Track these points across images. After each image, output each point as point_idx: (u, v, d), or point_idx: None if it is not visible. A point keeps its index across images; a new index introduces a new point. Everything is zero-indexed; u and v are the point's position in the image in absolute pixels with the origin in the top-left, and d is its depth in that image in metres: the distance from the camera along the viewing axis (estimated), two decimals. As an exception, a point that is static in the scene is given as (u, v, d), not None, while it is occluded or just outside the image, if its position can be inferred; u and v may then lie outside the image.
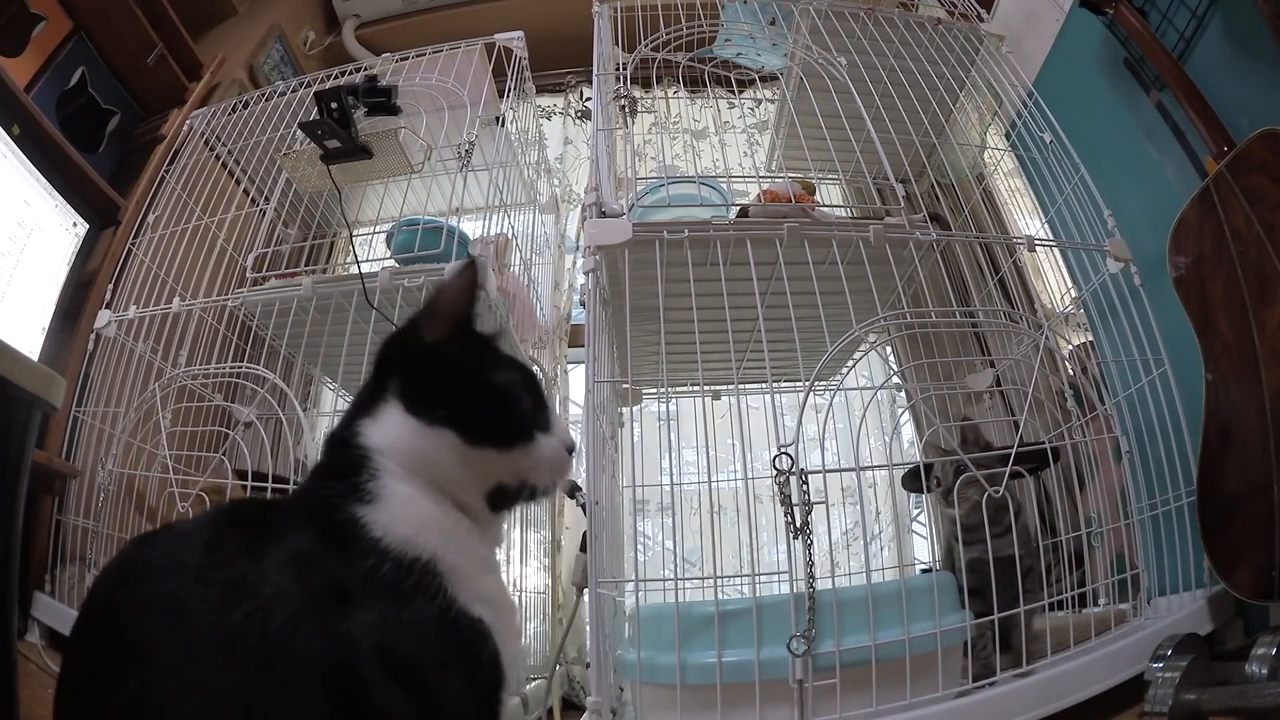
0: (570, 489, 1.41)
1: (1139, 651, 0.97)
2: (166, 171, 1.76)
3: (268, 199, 1.66)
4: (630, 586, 1.16)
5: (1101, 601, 1.19)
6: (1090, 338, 1.45)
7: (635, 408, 1.55)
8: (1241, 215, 1.05)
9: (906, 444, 1.72)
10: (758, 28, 1.66)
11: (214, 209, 1.72)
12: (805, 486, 0.96)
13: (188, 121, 1.86)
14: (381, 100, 1.55)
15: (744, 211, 1.33)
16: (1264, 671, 0.85)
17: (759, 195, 1.40)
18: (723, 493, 1.52)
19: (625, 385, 1.33)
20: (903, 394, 1.58)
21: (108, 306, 1.59)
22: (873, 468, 1.30)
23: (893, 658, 0.92)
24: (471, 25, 2.26)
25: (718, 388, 1.59)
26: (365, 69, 1.74)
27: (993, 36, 1.66)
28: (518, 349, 1.65)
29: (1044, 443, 1.12)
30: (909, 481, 1.26)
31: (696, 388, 1.32)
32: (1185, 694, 0.86)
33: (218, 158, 1.87)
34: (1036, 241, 1.39)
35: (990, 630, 1.04)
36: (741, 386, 1.19)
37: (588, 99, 2.60)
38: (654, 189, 1.44)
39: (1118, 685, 0.96)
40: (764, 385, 1.13)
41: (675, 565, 1.05)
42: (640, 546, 1.69)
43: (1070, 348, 1.46)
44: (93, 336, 1.56)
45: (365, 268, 1.43)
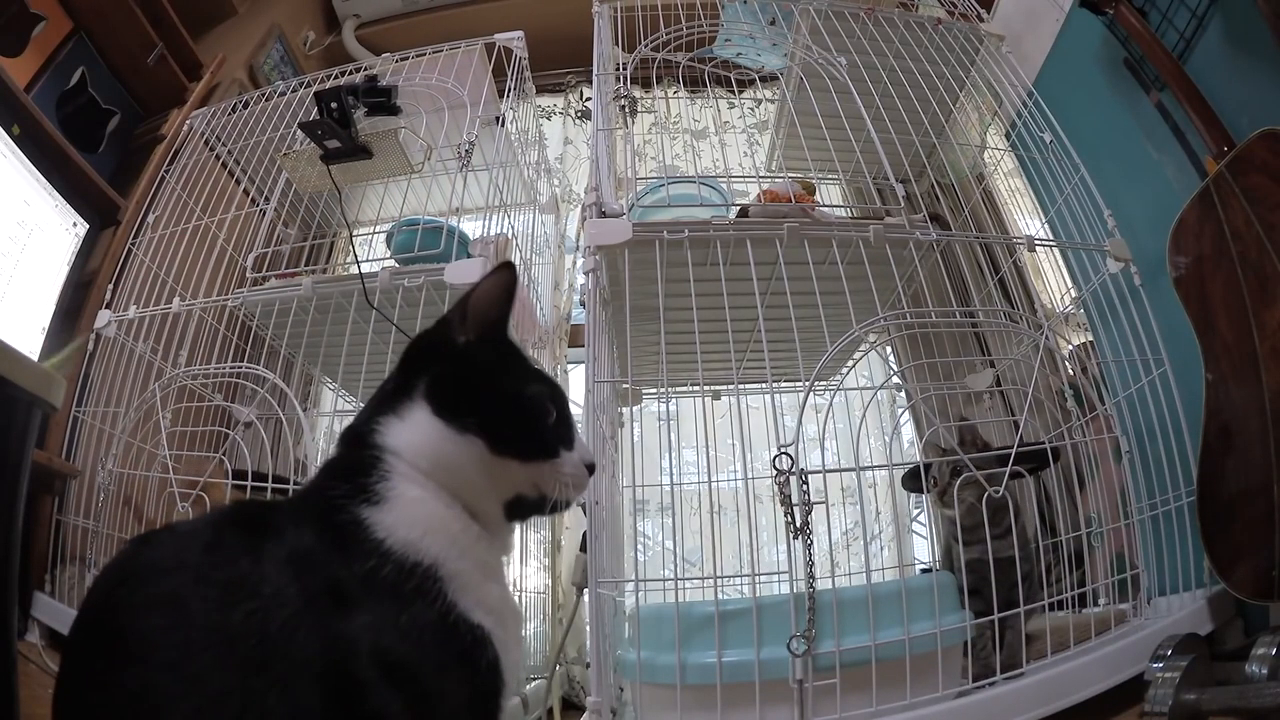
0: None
1: (1139, 651, 0.97)
2: (166, 171, 1.76)
3: (268, 199, 1.66)
4: (630, 586, 1.16)
5: (1101, 601, 1.19)
6: (1090, 338, 1.45)
7: (635, 408, 1.55)
8: (1241, 215, 1.05)
9: (906, 444, 1.72)
10: (758, 28, 1.66)
11: (214, 209, 1.72)
12: (805, 486, 0.96)
13: (188, 121, 1.86)
14: (381, 100, 1.55)
15: (744, 211, 1.33)
16: (1264, 671, 0.85)
17: (759, 195, 1.40)
18: (723, 493, 1.53)
19: (625, 385, 1.33)
20: (903, 394, 1.58)
21: (108, 306, 1.59)
22: (873, 468, 1.30)
23: (893, 658, 0.92)
24: (471, 25, 2.26)
25: (718, 388, 1.59)
26: (365, 69, 1.74)
27: (993, 36, 1.66)
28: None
29: (1044, 443, 1.12)
30: (909, 481, 1.26)
31: (696, 388, 1.32)
32: (1185, 694, 0.86)
33: (218, 158, 1.87)
34: (1036, 241, 1.39)
35: (990, 630, 1.04)
36: (741, 386, 1.19)
37: (588, 99, 2.60)
38: (654, 189, 1.44)
39: (1118, 685, 0.96)
40: (764, 385, 1.13)
41: (675, 565, 1.05)
42: (640, 546, 1.68)
43: (1070, 348, 1.46)
44: (93, 336, 1.56)
45: (365, 268, 1.43)
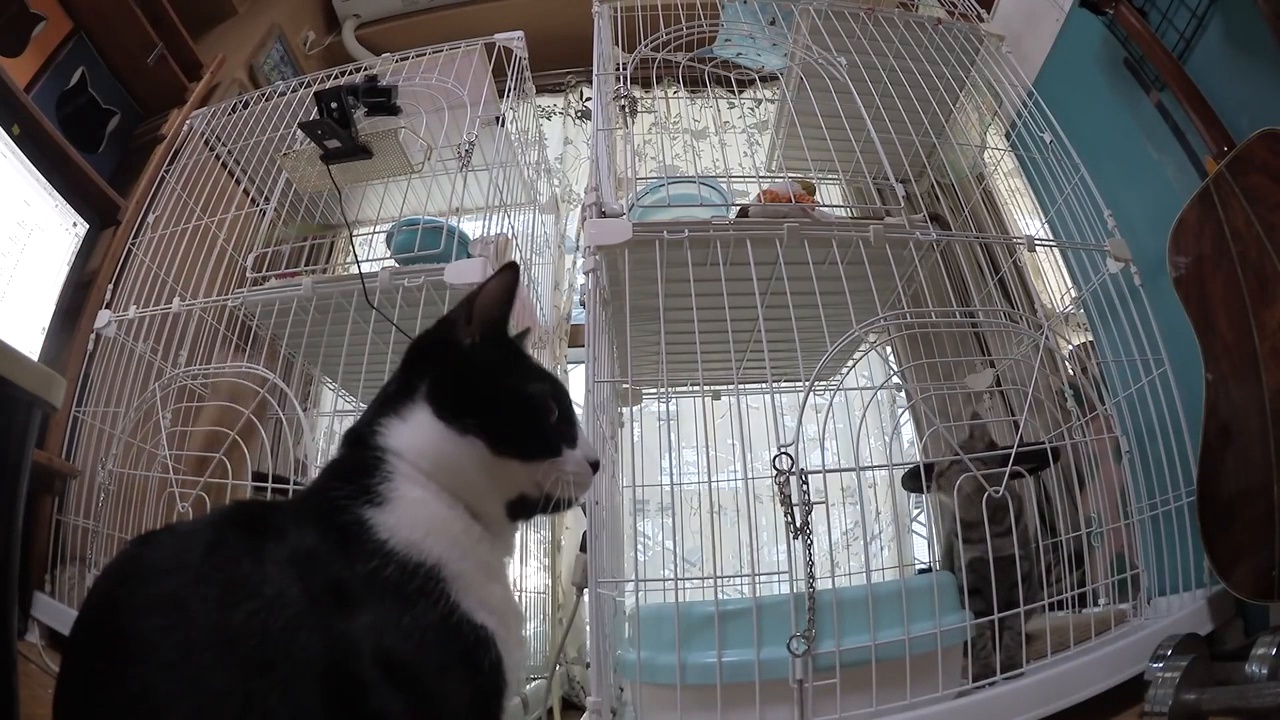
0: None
1: (1139, 651, 0.97)
2: (166, 171, 1.76)
3: (268, 199, 1.66)
4: (630, 586, 1.16)
5: (1101, 601, 1.19)
6: (1090, 338, 1.45)
7: (635, 408, 1.55)
8: (1241, 215, 1.05)
9: (906, 444, 1.72)
10: (758, 28, 1.66)
11: (214, 209, 1.72)
12: (805, 486, 0.96)
13: (188, 121, 1.86)
14: (381, 100, 1.55)
15: (744, 211, 1.33)
16: (1264, 671, 0.85)
17: (759, 195, 1.40)
18: (723, 493, 1.53)
19: (625, 385, 1.33)
20: (903, 394, 1.58)
21: (108, 306, 1.59)
22: (873, 468, 1.30)
23: (893, 658, 0.92)
24: (471, 25, 2.26)
25: (718, 388, 1.59)
26: (365, 69, 1.74)
27: (993, 36, 1.66)
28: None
29: (1044, 443, 1.12)
30: (909, 481, 1.26)
31: (696, 388, 1.32)
32: (1185, 694, 0.86)
33: (218, 158, 1.87)
34: (1036, 241, 1.39)
35: (989, 630, 1.04)
36: (741, 386, 1.19)
37: (588, 99, 2.60)
38: (654, 189, 1.44)
39: (1118, 685, 0.96)
40: (764, 385, 1.13)
41: (675, 565, 1.05)
42: (640, 546, 1.68)
43: (1070, 348, 1.46)
44: (93, 336, 1.56)
45: (365, 268, 1.43)
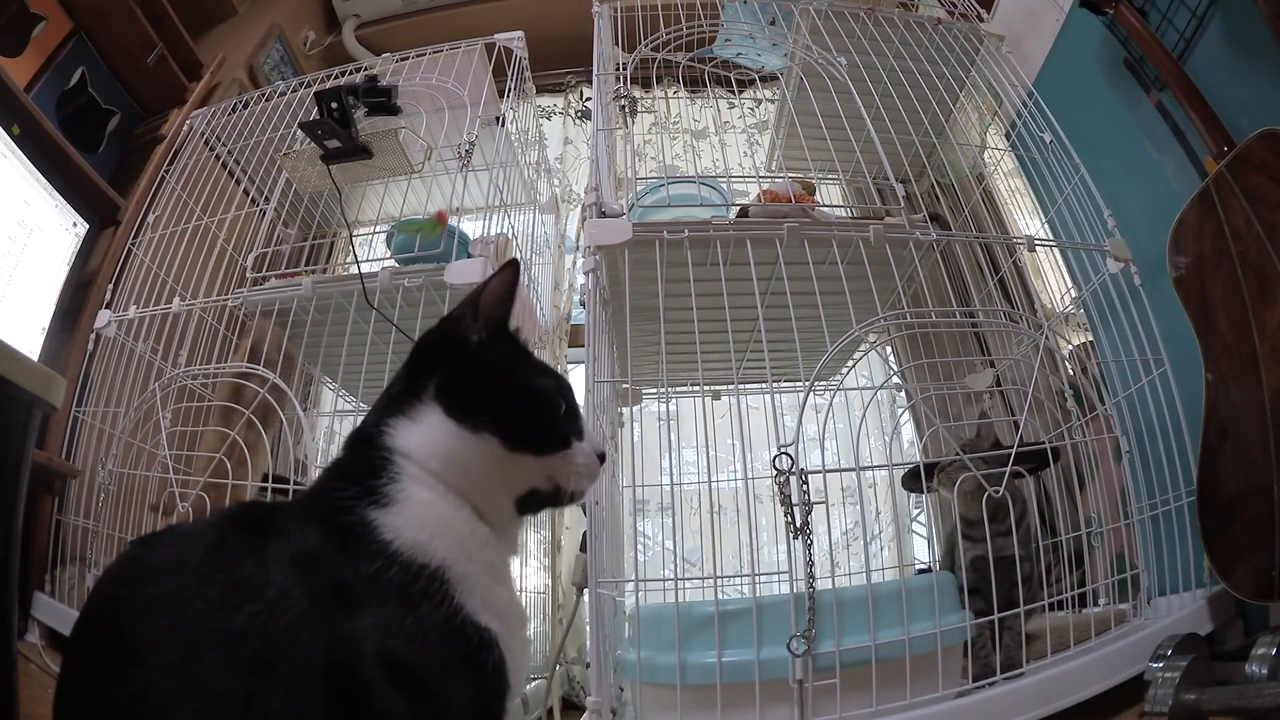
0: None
1: (1139, 651, 0.97)
2: (166, 171, 1.76)
3: (268, 199, 1.66)
4: (630, 586, 1.16)
5: (1101, 601, 1.19)
6: (1090, 338, 1.45)
7: (635, 408, 1.55)
8: (1241, 215, 1.05)
9: (906, 444, 1.72)
10: (758, 28, 1.66)
11: (214, 209, 1.72)
12: (805, 486, 0.96)
13: (188, 121, 1.86)
14: (381, 100, 1.55)
15: (744, 211, 1.33)
16: (1264, 671, 0.85)
17: (759, 195, 1.40)
18: (723, 493, 1.52)
19: (625, 385, 1.33)
20: (903, 394, 1.58)
21: (108, 306, 1.59)
22: (873, 468, 1.30)
23: (893, 658, 0.92)
24: (471, 25, 2.26)
25: (718, 388, 1.59)
26: (365, 69, 1.74)
27: (993, 36, 1.66)
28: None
29: (1044, 443, 1.12)
30: (909, 481, 1.26)
31: (696, 388, 1.32)
32: (1185, 694, 0.86)
33: (218, 158, 1.87)
34: (1036, 241, 1.39)
35: (989, 630, 1.04)
36: (741, 386, 1.19)
37: (588, 99, 2.60)
38: (654, 189, 1.44)
39: (1118, 685, 0.96)
40: (764, 385, 1.13)
41: (675, 565, 1.05)
42: (640, 546, 1.68)
43: (1070, 348, 1.46)
44: (93, 336, 1.56)
45: (365, 268, 1.43)
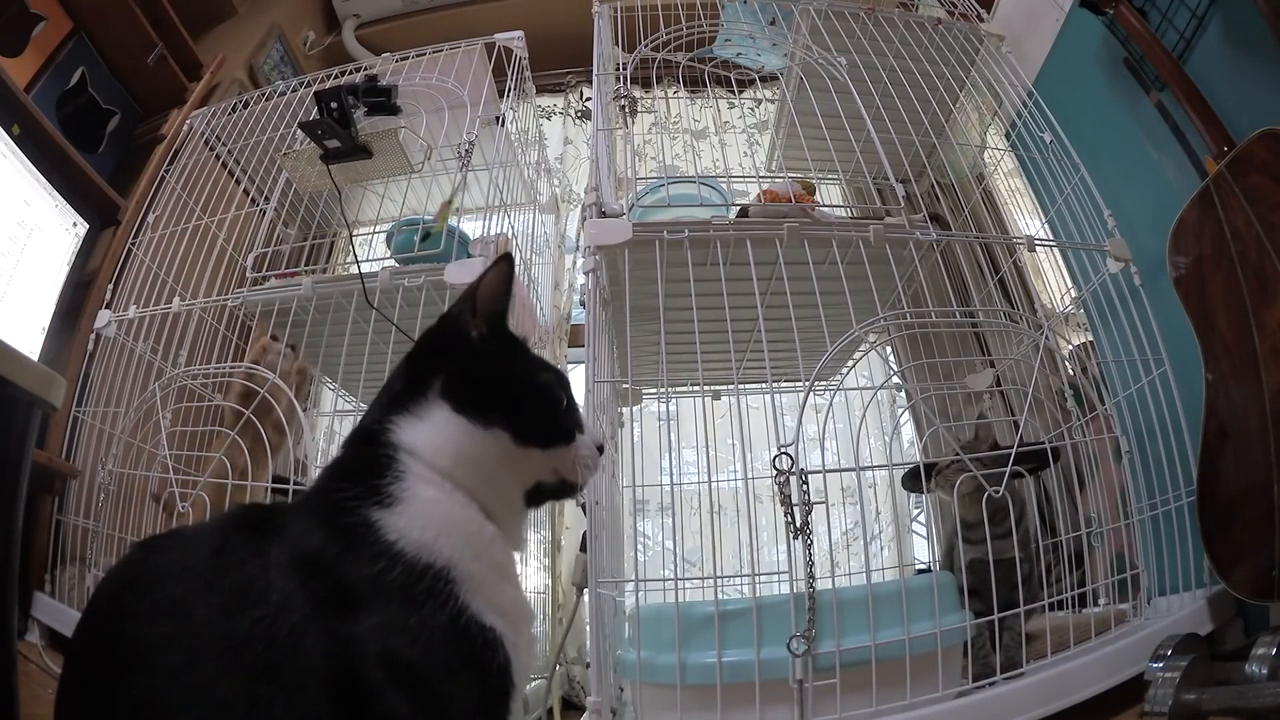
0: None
1: (1139, 651, 0.97)
2: (166, 171, 1.76)
3: (268, 199, 1.66)
4: (630, 586, 1.16)
5: (1101, 601, 1.19)
6: (1090, 338, 1.45)
7: (635, 408, 1.55)
8: (1241, 215, 1.05)
9: (906, 444, 1.72)
10: (758, 28, 1.66)
11: (214, 209, 1.72)
12: (805, 486, 0.95)
13: (188, 121, 1.86)
14: (381, 100, 1.55)
15: (744, 211, 1.33)
16: (1264, 671, 0.85)
17: (759, 195, 1.40)
18: (723, 493, 1.52)
19: (625, 385, 1.33)
20: (903, 394, 1.58)
21: (108, 306, 1.59)
22: (873, 468, 1.30)
23: (893, 658, 0.92)
24: (471, 25, 2.26)
25: (718, 388, 1.59)
26: (365, 69, 1.74)
27: (993, 36, 1.66)
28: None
29: (1044, 443, 1.12)
30: (909, 481, 1.26)
31: (696, 388, 1.32)
32: (1185, 694, 0.86)
33: (218, 158, 1.87)
34: (1036, 241, 1.39)
35: (988, 630, 1.04)
36: (741, 386, 1.19)
37: (588, 99, 2.60)
38: (654, 189, 1.44)
39: (1118, 685, 0.96)
40: (764, 385, 1.13)
41: (675, 565, 1.05)
42: (640, 546, 1.68)
43: (1070, 348, 1.46)
44: (93, 336, 1.56)
45: (365, 268, 1.43)
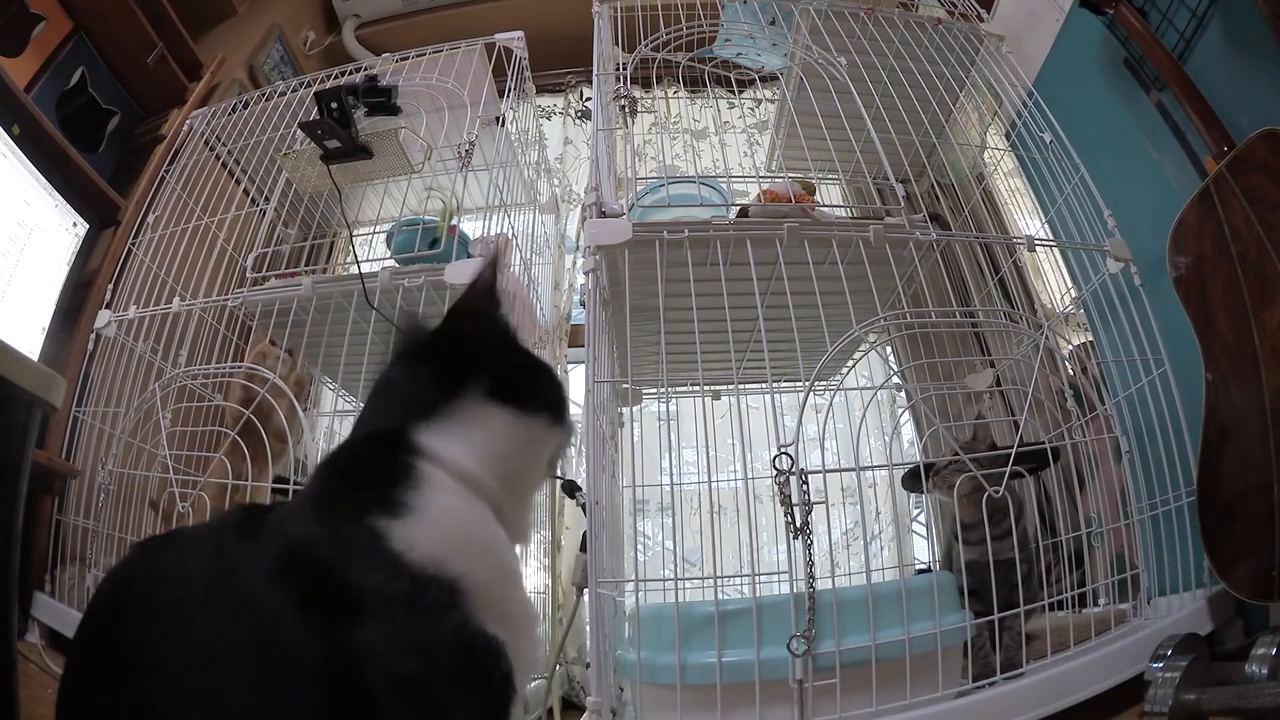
0: (570, 488, 1.41)
1: (1139, 651, 0.97)
2: (166, 171, 1.76)
3: (268, 199, 1.66)
4: (630, 586, 1.16)
5: (1101, 601, 1.19)
6: (1090, 338, 1.45)
7: (635, 408, 1.55)
8: (1241, 215, 1.05)
9: (906, 444, 1.72)
10: (758, 28, 1.66)
11: (214, 209, 1.72)
12: (805, 486, 0.95)
13: (188, 121, 1.86)
14: (381, 100, 1.55)
15: (744, 211, 1.33)
16: (1264, 671, 0.85)
17: (759, 195, 1.40)
18: (723, 493, 1.53)
19: (625, 385, 1.33)
20: (903, 394, 1.58)
21: (108, 306, 1.59)
22: (873, 468, 1.30)
23: (893, 658, 0.92)
24: (471, 25, 2.26)
25: (718, 388, 1.59)
26: (365, 69, 1.74)
27: (993, 36, 1.66)
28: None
29: (1044, 443, 1.12)
30: (909, 481, 1.26)
31: (696, 388, 1.32)
32: (1185, 694, 0.87)
33: (218, 158, 1.87)
34: (1036, 241, 1.39)
35: (988, 631, 1.04)
36: (741, 386, 1.19)
37: (588, 99, 2.60)
38: (654, 189, 1.44)
39: (1118, 685, 0.96)
40: (764, 385, 1.13)
41: (675, 565, 1.05)
42: (640, 546, 1.69)
43: (1070, 348, 1.46)
44: (93, 336, 1.56)
45: (365, 268, 1.43)
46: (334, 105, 1.46)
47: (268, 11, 2.41)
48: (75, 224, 1.66)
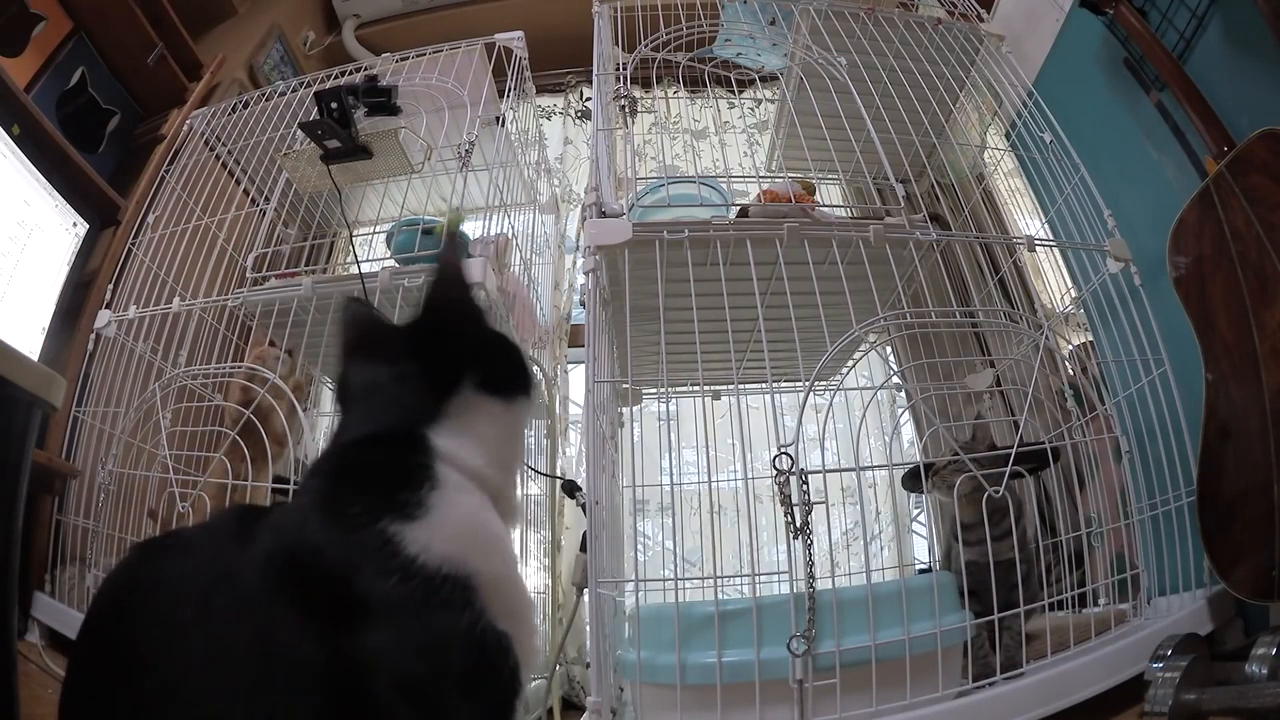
0: (570, 488, 1.41)
1: (1139, 651, 0.97)
2: (166, 171, 1.76)
3: (268, 199, 1.66)
4: (630, 586, 1.16)
5: (1101, 601, 1.19)
6: (1090, 338, 1.45)
7: (635, 408, 1.55)
8: (1241, 215, 1.05)
9: (906, 444, 1.72)
10: (758, 28, 1.66)
11: (214, 209, 1.72)
12: (805, 486, 0.95)
13: (188, 121, 1.86)
14: (381, 100, 1.55)
15: (744, 211, 1.33)
16: (1264, 671, 0.85)
17: (759, 195, 1.40)
18: (723, 493, 1.53)
19: (625, 385, 1.33)
20: (903, 394, 1.58)
21: (108, 306, 1.59)
22: (873, 468, 1.30)
23: (893, 658, 0.92)
24: (471, 25, 2.26)
25: (718, 388, 1.59)
26: (365, 69, 1.74)
27: (993, 36, 1.66)
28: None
29: (1044, 443, 1.12)
30: (909, 481, 1.26)
31: (696, 388, 1.32)
32: (1185, 694, 0.86)
33: (218, 158, 1.87)
34: (1036, 241, 1.38)
35: (986, 631, 1.04)
36: (741, 386, 1.19)
37: (588, 99, 2.60)
38: (654, 189, 1.44)
39: (1118, 685, 0.96)
40: (764, 385, 1.13)
41: (675, 565, 1.05)
42: (640, 546, 1.68)
43: (1070, 348, 1.46)
44: (93, 336, 1.56)
45: (365, 268, 1.43)
46: (334, 105, 1.46)
47: (268, 11, 2.41)
48: (75, 224, 1.66)
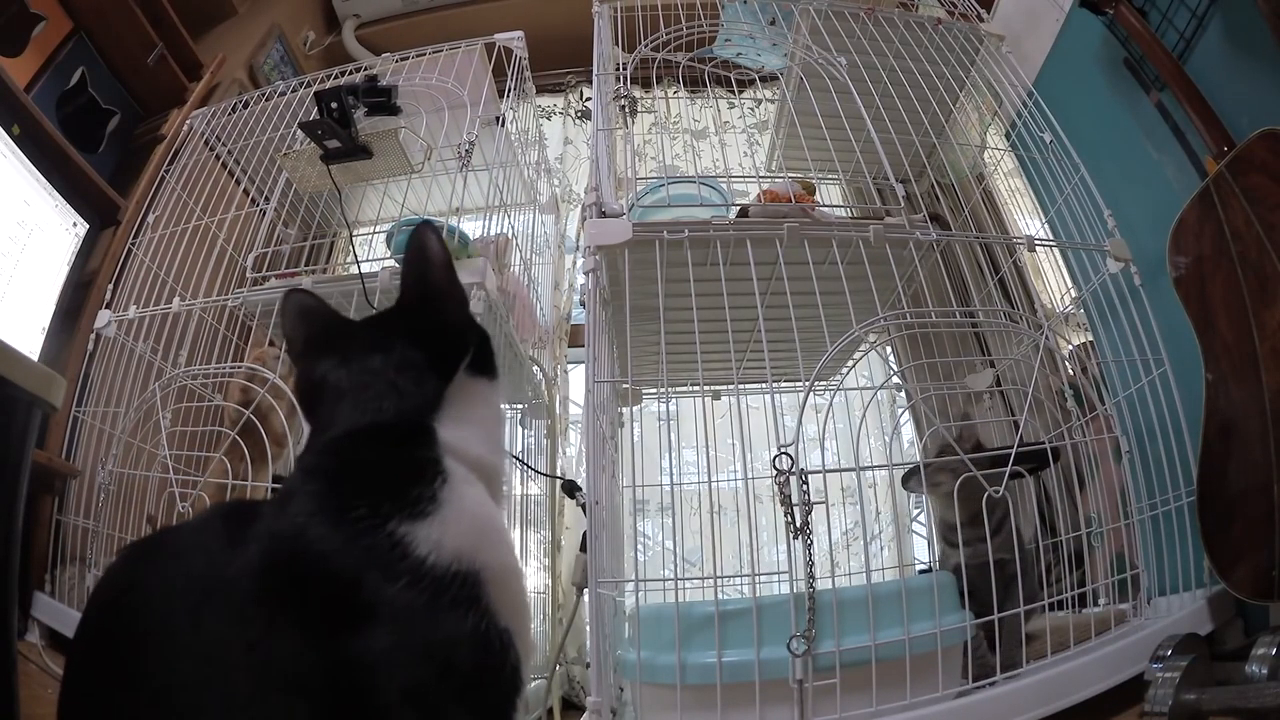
0: (570, 488, 1.41)
1: (1139, 651, 0.97)
2: (166, 171, 1.76)
3: (268, 199, 1.66)
4: (630, 586, 1.16)
5: (1101, 601, 1.19)
6: (1090, 338, 1.45)
7: (635, 408, 1.55)
8: (1241, 215, 1.05)
9: (906, 444, 1.72)
10: (758, 28, 1.66)
11: (214, 209, 1.72)
12: (805, 486, 0.95)
13: (188, 121, 1.86)
14: (381, 100, 1.55)
15: (744, 211, 1.33)
16: (1264, 671, 0.86)
17: (759, 195, 1.40)
18: (723, 493, 1.53)
19: (625, 385, 1.33)
20: (903, 394, 1.58)
21: (108, 306, 1.59)
22: (873, 468, 1.30)
23: (892, 658, 0.92)
24: (471, 25, 2.26)
25: (718, 388, 1.59)
26: (365, 69, 1.74)
27: (993, 36, 1.66)
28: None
29: (1044, 443, 1.12)
30: (909, 481, 1.26)
31: (696, 388, 1.32)
32: (1185, 694, 0.86)
33: (218, 158, 1.87)
34: (1036, 241, 1.38)
35: (983, 631, 1.04)
36: (741, 386, 1.19)
37: (588, 99, 2.60)
38: (654, 189, 1.44)
39: (1118, 685, 0.96)
40: (764, 385, 1.13)
41: (675, 565, 1.05)
42: (640, 546, 1.68)
43: (1070, 348, 1.46)
44: (93, 336, 1.56)
45: (365, 268, 1.43)
46: (334, 105, 1.46)
47: (268, 11, 2.41)
48: (75, 224, 1.66)
